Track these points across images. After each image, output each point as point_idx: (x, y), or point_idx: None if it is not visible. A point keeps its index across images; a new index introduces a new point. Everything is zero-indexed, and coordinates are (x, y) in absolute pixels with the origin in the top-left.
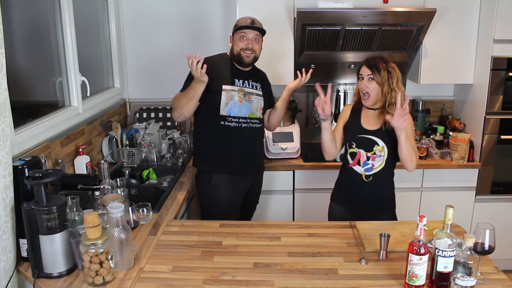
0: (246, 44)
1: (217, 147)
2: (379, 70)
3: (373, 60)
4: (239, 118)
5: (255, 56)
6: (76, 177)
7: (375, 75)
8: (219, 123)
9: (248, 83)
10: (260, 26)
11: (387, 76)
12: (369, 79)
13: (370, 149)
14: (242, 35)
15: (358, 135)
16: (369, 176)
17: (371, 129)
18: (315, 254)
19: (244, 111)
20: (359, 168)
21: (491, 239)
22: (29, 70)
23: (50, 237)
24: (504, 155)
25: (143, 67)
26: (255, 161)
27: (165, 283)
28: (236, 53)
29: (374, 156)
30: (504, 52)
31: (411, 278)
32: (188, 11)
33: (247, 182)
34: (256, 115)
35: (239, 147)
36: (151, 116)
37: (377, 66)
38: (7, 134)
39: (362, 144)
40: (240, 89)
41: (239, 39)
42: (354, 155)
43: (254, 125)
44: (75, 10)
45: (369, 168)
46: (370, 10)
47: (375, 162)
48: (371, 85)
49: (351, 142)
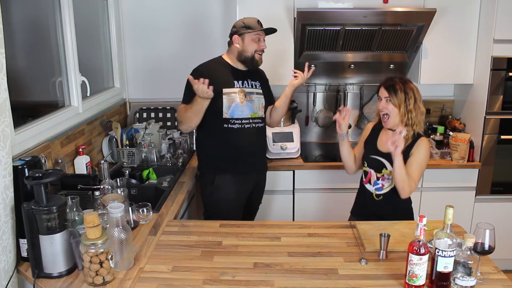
0: (260, 46)
1: (220, 149)
2: (396, 92)
3: (390, 80)
4: (242, 119)
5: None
6: (76, 177)
7: (392, 96)
8: (223, 126)
9: (247, 83)
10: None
11: (404, 97)
12: (387, 100)
13: (379, 171)
14: (257, 37)
15: (371, 155)
16: (379, 195)
17: (384, 151)
18: (315, 254)
19: (246, 112)
20: (370, 187)
21: (491, 239)
22: (29, 70)
23: (50, 237)
24: (504, 155)
25: (143, 67)
26: (258, 161)
27: (165, 283)
28: (250, 55)
29: (383, 177)
30: (504, 52)
31: (411, 278)
32: (188, 11)
33: (250, 183)
34: (259, 115)
35: (243, 148)
36: (151, 116)
37: (394, 87)
38: (7, 134)
39: (372, 165)
40: (240, 90)
41: (252, 41)
42: (366, 174)
43: (257, 125)
44: (75, 11)
45: (379, 188)
46: (370, 10)
47: (384, 183)
48: (389, 106)
49: (364, 161)
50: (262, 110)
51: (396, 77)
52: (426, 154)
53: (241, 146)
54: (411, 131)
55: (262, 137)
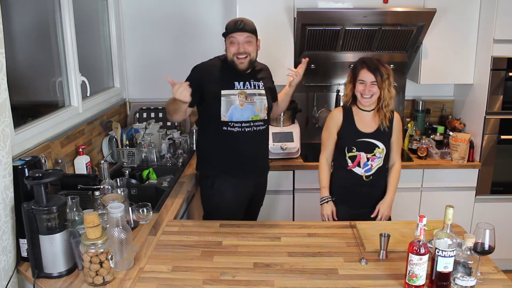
0: (237, 49)
1: (220, 152)
2: (382, 75)
3: (373, 64)
4: (241, 122)
5: (250, 59)
6: (76, 177)
7: (379, 80)
8: (222, 128)
9: (249, 84)
10: (250, 26)
11: (387, 80)
12: (372, 83)
13: (370, 151)
14: (231, 40)
15: (358, 139)
16: (369, 176)
17: (369, 132)
18: (315, 254)
19: (246, 114)
20: (359, 170)
21: (491, 239)
22: (29, 70)
23: (50, 237)
24: (504, 155)
25: (143, 67)
26: (259, 164)
27: (165, 283)
28: (230, 59)
29: (373, 157)
30: (504, 52)
31: (411, 278)
32: (188, 11)
33: (251, 186)
34: (260, 117)
35: (243, 152)
36: (151, 116)
37: (380, 72)
38: (7, 134)
39: (362, 148)
40: (241, 92)
41: (230, 45)
42: (354, 158)
43: (258, 127)
44: (75, 10)
45: (369, 169)
46: (370, 10)
47: (374, 163)
48: (373, 89)
49: (351, 146)
50: (264, 112)
51: (374, 58)
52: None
53: (241, 150)
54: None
55: (264, 140)
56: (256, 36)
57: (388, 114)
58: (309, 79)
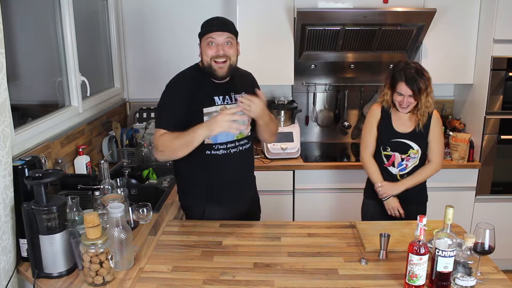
0: (216, 51)
1: (205, 180)
2: (420, 90)
3: (411, 77)
4: (227, 143)
5: (230, 64)
6: (76, 177)
7: (416, 93)
8: (205, 153)
9: (229, 98)
10: (231, 26)
11: (425, 92)
12: (410, 96)
13: (405, 152)
14: (209, 40)
15: (392, 139)
16: (403, 175)
17: (405, 132)
18: (315, 254)
19: (231, 134)
20: (393, 169)
21: (491, 239)
22: (29, 70)
23: (50, 237)
24: (504, 155)
25: (143, 67)
26: (248, 189)
27: (165, 283)
28: (206, 64)
29: (408, 157)
30: (504, 52)
31: (411, 278)
32: (188, 11)
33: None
34: (244, 134)
35: (230, 176)
36: (151, 116)
37: (418, 85)
38: (7, 134)
39: (396, 148)
40: (222, 108)
41: (207, 46)
42: (388, 157)
43: (243, 147)
44: (75, 10)
45: (403, 168)
46: (370, 10)
47: (409, 163)
48: (411, 100)
49: (386, 146)
50: (248, 127)
51: (413, 66)
52: (441, 124)
53: (229, 174)
54: (425, 116)
55: (249, 160)
56: (237, 38)
57: (426, 117)
58: (309, 79)
